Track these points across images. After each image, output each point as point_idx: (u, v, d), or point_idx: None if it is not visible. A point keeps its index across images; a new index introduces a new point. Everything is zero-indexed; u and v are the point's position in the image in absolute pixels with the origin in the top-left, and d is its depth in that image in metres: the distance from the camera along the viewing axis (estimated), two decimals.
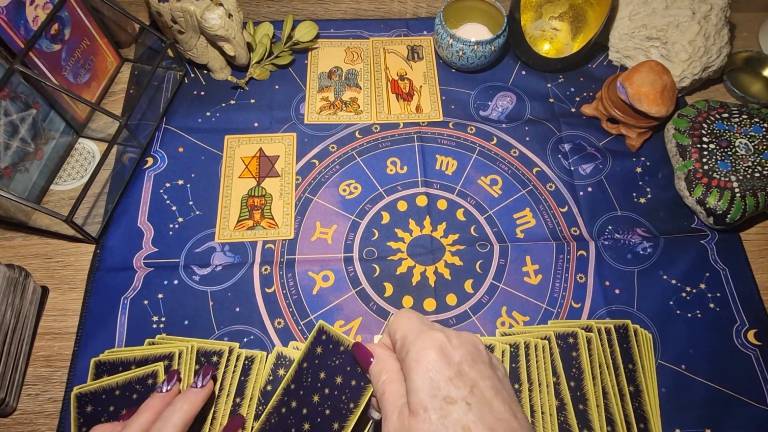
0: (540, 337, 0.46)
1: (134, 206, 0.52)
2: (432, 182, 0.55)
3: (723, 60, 0.59)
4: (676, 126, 0.55)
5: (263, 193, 0.54)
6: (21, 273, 0.45)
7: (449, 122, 0.59)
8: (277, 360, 0.45)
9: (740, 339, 0.48)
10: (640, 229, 0.53)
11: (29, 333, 0.46)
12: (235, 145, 0.56)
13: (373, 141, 0.57)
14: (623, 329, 0.47)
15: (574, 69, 0.63)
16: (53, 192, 0.53)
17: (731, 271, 0.51)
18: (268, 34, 0.60)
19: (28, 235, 0.51)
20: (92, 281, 0.49)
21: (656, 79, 0.52)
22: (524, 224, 0.53)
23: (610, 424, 0.43)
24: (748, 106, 0.56)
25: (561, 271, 0.51)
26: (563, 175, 0.56)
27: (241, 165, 0.55)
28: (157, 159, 0.55)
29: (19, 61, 0.45)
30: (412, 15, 0.67)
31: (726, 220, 0.50)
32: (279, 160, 0.55)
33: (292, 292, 0.49)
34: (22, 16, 0.46)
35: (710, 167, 0.52)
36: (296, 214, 0.53)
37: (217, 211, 0.52)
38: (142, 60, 0.62)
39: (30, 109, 0.49)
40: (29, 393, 0.44)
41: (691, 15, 0.57)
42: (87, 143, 0.56)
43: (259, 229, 0.51)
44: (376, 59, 0.63)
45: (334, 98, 0.60)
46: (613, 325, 0.47)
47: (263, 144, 0.56)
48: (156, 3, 0.53)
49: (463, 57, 0.59)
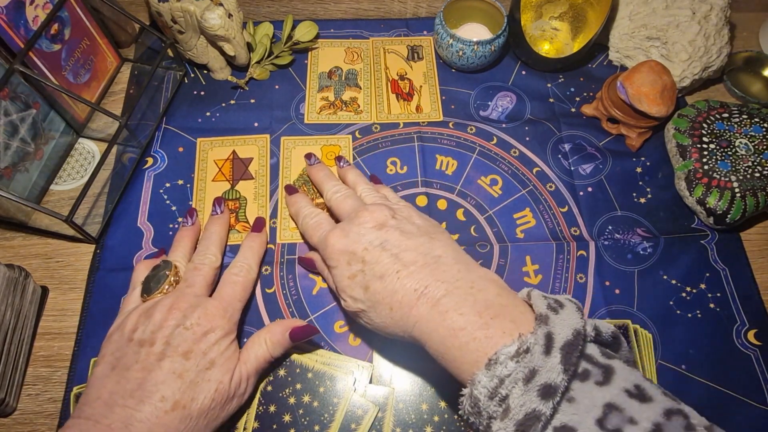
0: None
1: (134, 206, 0.52)
2: (432, 182, 0.55)
3: (723, 60, 0.59)
4: (676, 126, 0.55)
5: (237, 196, 0.53)
6: (21, 273, 0.45)
7: (449, 122, 0.59)
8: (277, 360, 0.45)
9: (740, 339, 0.48)
10: (640, 229, 0.53)
11: (29, 333, 0.46)
12: (207, 147, 0.56)
13: (373, 141, 0.57)
14: (623, 329, 0.47)
15: (574, 69, 0.63)
16: (53, 192, 0.53)
17: (731, 271, 0.51)
18: (268, 34, 0.60)
19: (28, 235, 0.51)
20: (92, 281, 0.49)
21: (656, 79, 0.52)
22: (524, 224, 0.53)
23: None
24: (748, 106, 0.56)
25: (561, 271, 0.50)
26: (563, 175, 0.56)
27: (214, 168, 0.55)
28: (157, 159, 0.55)
29: (19, 61, 0.45)
30: (412, 15, 0.67)
31: (726, 220, 0.50)
32: (252, 163, 0.55)
33: (292, 292, 0.49)
34: (22, 16, 0.46)
35: (710, 167, 0.52)
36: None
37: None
38: (142, 60, 0.62)
39: (30, 109, 0.49)
40: (29, 393, 0.44)
41: (691, 15, 0.57)
42: (87, 143, 0.56)
43: (233, 232, 0.51)
44: (376, 59, 0.63)
45: (334, 98, 0.60)
46: (613, 325, 0.47)
47: (236, 146, 0.56)
48: (156, 3, 0.53)
49: (463, 57, 0.59)
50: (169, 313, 0.38)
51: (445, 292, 0.34)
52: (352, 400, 0.43)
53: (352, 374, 0.45)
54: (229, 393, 0.38)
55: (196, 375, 0.37)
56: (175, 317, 0.38)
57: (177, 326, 0.38)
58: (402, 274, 0.36)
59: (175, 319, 0.38)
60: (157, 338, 0.37)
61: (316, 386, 0.44)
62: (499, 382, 0.29)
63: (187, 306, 0.39)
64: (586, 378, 0.29)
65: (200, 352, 0.37)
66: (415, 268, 0.36)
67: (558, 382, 0.28)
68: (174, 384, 0.36)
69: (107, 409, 0.34)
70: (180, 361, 0.36)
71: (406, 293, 0.35)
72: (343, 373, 0.45)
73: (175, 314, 0.38)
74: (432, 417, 0.43)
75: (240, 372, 0.39)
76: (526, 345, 0.29)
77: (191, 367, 0.37)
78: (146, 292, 0.41)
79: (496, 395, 0.29)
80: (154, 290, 0.41)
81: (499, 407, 0.29)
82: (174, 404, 0.35)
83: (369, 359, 0.46)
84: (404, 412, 0.43)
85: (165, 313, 0.38)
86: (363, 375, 0.45)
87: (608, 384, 0.28)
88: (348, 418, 0.43)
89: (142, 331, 0.38)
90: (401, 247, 0.38)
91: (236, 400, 0.39)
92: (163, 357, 0.36)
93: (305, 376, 0.44)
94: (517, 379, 0.28)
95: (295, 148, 0.56)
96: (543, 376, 0.28)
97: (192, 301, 0.40)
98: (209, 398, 0.36)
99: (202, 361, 0.37)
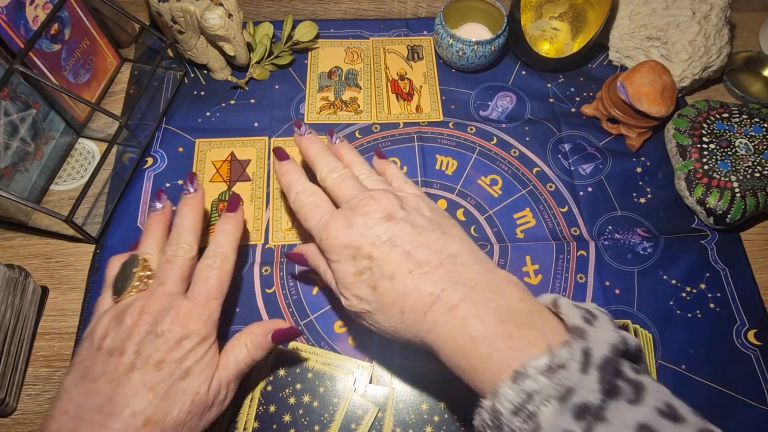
0: None
1: (134, 206, 0.52)
2: (432, 182, 0.55)
3: (723, 60, 0.59)
4: (676, 126, 0.55)
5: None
6: (21, 273, 0.45)
7: (449, 122, 0.59)
8: (277, 361, 0.45)
9: (740, 339, 0.48)
10: (640, 229, 0.53)
11: (29, 333, 0.46)
12: (206, 148, 0.56)
13: (373, 141, 0.57)
14: (623, 329, 0.47)
15: (574, 69, 0.63)
16: (53, 192, 0.53)
17: (731, 271, 0.51)
18: (268, 34, 0.60)
19: (28, 235, 0.51)
20: (92, 281, 0.49)
21: (656, 79, 0.52)
22: (524, 224, 0.53)
23: None
24: (749, 106, 0.56)
25: (561, 271, 0.50)
26: (563, 175, 0.56)
27: (212, 169, 0.55)
28: (157, 159, 0.55)
29: (19, 61, 0.45)
30: (412, 15, 0.67)
31: (726, 220, 0.50)
32: (250, 165, 0.55)
33: (292, 292, 0.49)
34: (22, 16, 0.46)
35: (710, 167, 0.52)
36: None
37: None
38: (142, 60, 0.62)
39: (30, 109, 0.49)
40: (29, 393, 0.44)
41: (691, 15, 0.57)
42: (87, 143, 0.56)
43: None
44: (376, 59, 0.63)
45: (334, 98, 0.60)
46: None
47: (235, 148, 0.56)
48: (156, 3, 0.53)
49: (463, 57, 0.59)
50: (140, 318, 0.35)
51: (463, 297, 0.32)
52: (352, 400, 0.43)
53: (352, 374, 0.45)
54: (207, 402, 0.35)
55: (170, 386, 0.34)
56: (146, 322, 0.35)
57: (148, 333, 0.35)
58: (415, 275, 0.33)
59: (147, 325, 0.35)
60: (127, 347, 0.34)
61: (316, 386, 0.44)
62: (527, 398, 0.27)
63: (158, 309, 0.36)
64: (618, 395, 0.27)
65: (173, 361, 0.34)
66: (429, 268, 0.33)
67: (594, 402, 0.26)
68: (145, 397, 0.33)
69: (73, 426, 0.32)
70: (151, 373, 0.34)
71: (420, 296, 0.33)
72: (343, 373, 0.45)
73: (145, 319, 0.35)
74: (432, 417, 0.43)
75: (219, 378, 0.36)
76: (560, 360, 0.27)
77: (164, 378, 0.34)
78: (116, 293, 0.38)
79: (522, 410, 0.27)
80: (122, 291, 0.38)
81: (525, 424, 0.27)
82: (146, 420, 0.32)
83: (369, 359, 0.46)
84: (404, 412, 0.43)
85: (135, 318, 0.35)
86: (363, 375, 0.45)
87: (640, 403, 0.27)
88: (348, 418, 0.43)
89: (112, 338, 0.35)
90: (413, 243, 0.34)
91: (216, 408, 0.36)
92: (133, 368, 0.34)
93: (305, 376, 0.44)
94: (550, 396, 0.26)
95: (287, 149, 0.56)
96: (579, 396, 0.26)
97: (164, 303, 0.36)
98: (185, 411, 0.34)
99: (177, 371, 0.34)
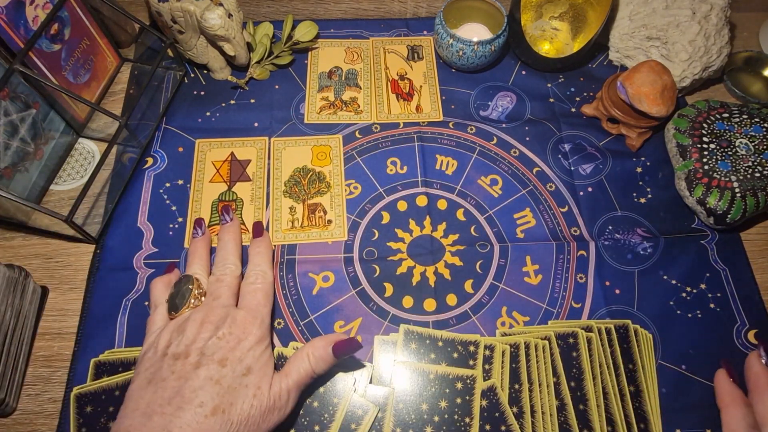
0: (540, 338, 0.46)
1: (134, 206, 0.52)
2: (432, 182, 0.55)
3: (723, 60, 0.59)
4: (676, 126, 0.55)
5: (234, 198, 0.53)
6: (21, 273, 0.45)
7: (449, 122, 0.59)
8: (277, 361, 0.45)
9: (740, 339, 0.48)
10: (641, 229, 0.53)
11: (29, 333, 0.46)
12: (206, 149, 0.56)
13: (373, 141, 0.57)
14: (623, 329, 0.47)
15: (574, 69, 0.63)
16: (53, 192, 0.53)
17: (731, 271, 0.51)
18: (268, 34, 0.60)
19: (28, 235, 0.51)
20: (92, 281, 0.49)
21: (656, 79, 0.52)
22: (524, 224, 0.53)
23: (611, 425, 0.43)
24: (749, 106, 0.56)
25: (561, 271, 0.50)
26: (563, 175, 0.56)
27: (212, 169, 0.55)
28: (157, 159, 0.55)
29: (18, 61, 0.45)
30: (412, 15, 0.67)
31: (726, 220, 0.50)
32: (250, 165, 0.55)
33: (292, 292, 0.49)
34: (22, 16, 0.46)
35: (710, 167, 0.52)
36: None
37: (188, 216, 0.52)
38: (142, 60, 0.62)
39: (30, 109, 0.49)
40: (29, 393, 0.44)
41: (692, 15, 0.57)
42: (87, 143, 0.56)
43: None
44: (376, 59, 0.63)
45: (334, 98, 0.60)
46: (614, 325, 0.47)
47: (235, 148, 0.56)
48: (156, 3, 0.53)
49: (463, 57, 0.59)
50: (201, 327, 0.39)
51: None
52: (352, 400, 0.43)
53: (352, 374, 0.45)
54: (269, 402, 0.37)
55: (233, 380, 0.37)
56: (207, 330, 0.38)
57: (210, 338, 0.38)
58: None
59: (208, 332, 0.38)
60: (192, 350, 0.37)
61: (316, 386, 0.44)
62: None
63: (217, 318, 0.39)
64: None
65: (236, 359, 0.37)
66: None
67: None
68: (212, 390, 0.36)
69: (146, 419, 0.34)
70: (216, 368, 0.37)
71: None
72: (343, 373, 0.45)
73: (207, 327, 0.39)
74: (432, 417, 0.43)
75: (280, 384, 0.39)
76: None
77: (227, 373, 0.37)
78: (173, 309, 0.41)
79: None
80: (181, 306, 0.41)
81: None
82: (213, 409, 0.35)
83: (369, 359, 0.46)
84: (404, 412, 0.43)
85: (197, 328, 0.39)
86: (363, 375, 0.45)
87: None
88: (348, 418, 0.43)
89: (176, 345, 0.38)
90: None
91: (277, 413, 0.38)
92: (199, 365, 0.37)
93: None
94: None
95: (285, 149, 0.56)
96: None
97: (221, 313, 0.40)
98: (248, 403, 0.36)
99: (239, 367, 0.37)
